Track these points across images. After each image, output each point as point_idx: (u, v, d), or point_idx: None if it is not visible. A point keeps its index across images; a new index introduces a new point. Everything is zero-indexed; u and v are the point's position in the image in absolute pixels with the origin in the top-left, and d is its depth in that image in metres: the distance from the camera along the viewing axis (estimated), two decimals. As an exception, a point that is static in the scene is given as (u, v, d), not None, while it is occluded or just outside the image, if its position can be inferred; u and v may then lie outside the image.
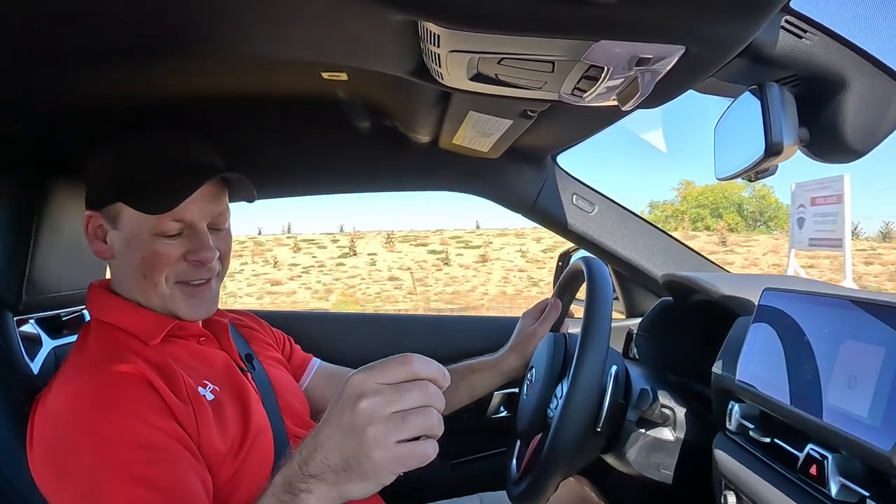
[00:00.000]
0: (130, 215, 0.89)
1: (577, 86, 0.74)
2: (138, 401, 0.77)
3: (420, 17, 0.64)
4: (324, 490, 0.62)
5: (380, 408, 0.59)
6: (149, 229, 0.88)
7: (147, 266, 0.88)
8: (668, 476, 1.00)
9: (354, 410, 0.60)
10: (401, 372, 0.61)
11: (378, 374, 0.61)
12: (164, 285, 0.89)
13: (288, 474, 0.64)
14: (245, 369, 0.97)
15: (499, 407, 1.64)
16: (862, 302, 0.66)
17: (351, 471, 0.60)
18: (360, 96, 1.13)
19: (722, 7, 0.57)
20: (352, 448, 0.60)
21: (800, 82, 0.84)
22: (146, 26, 0.71)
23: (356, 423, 0.59)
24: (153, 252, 0.88)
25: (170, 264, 0.89)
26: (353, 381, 0.61)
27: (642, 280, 1.60)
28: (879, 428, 0.58)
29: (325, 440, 0.62)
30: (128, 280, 0.92)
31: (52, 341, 1.16)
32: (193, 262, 0.90)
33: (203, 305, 0.93)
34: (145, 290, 0.90)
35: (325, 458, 0.61)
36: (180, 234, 0.90)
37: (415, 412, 0.60)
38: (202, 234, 0.91)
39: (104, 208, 0.91)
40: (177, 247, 0.90)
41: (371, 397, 0.60)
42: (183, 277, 0.90)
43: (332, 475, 0.61)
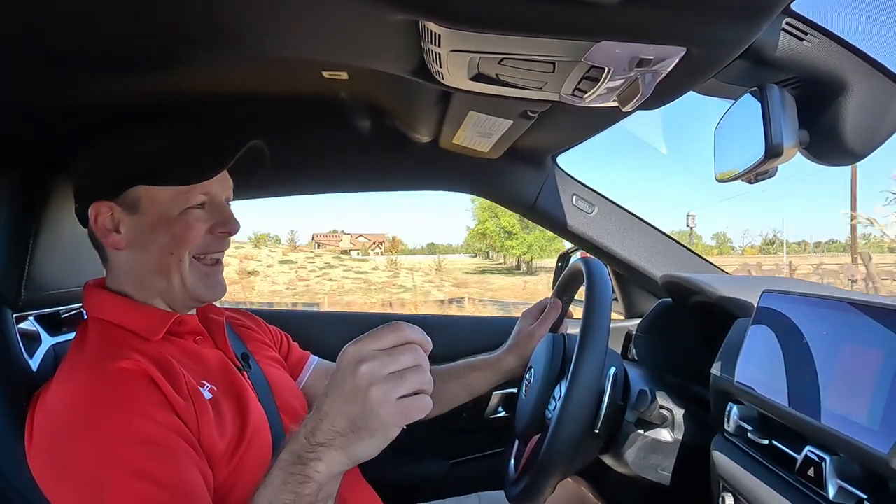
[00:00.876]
0: (154, 196, 0.89)
1: (578, 86, 0.74)
2: (139, 396, 0.77)
3: (421, 16, 0.64)
4: (333, 455, 0.66)
5: (378, 370, 0.64)
6: (180, 204, 0.90)
7: (176, 242, 0.90)
8: (666, 477, 1.00)
9: (355, 375, 0.64)
10: (392, 338, 0.66)
11: (371, 342, 0.66)
12: (187, 264, 0.91)
13: (295, 448, 0.68)
14: (241, 368, 0.97)
15: (497, 407, 1.64)
16: (861, 305, 0.66)
17: (359, 431, 0.65)
18: (360, 95, 1.13)
19: (723, 9, 0.57)
20: (356, 409, 0.64)
21: (800, 84, 0.84)
22: (146, 26, 0.71)
23: (358, 385, 0.64)
24: (185, 225, 0.90)
25: (199, 237, 0.91)
26: (350, 351, 0.66)
27: (641, 281, 1.60)
28: (877, 430, 0.58)
29: (329, 409, 0.66)
30: (140, 267, 0.92)
31: (51, 338, 1.16)
32: (220, 233, 0.93)
33: (219, 287, 0.96)
34: (170, 269, 0.90)
35: (331, 425, 0.66)
36: (204, 208, 0.92)
37: (410, 370, 0.65)
38: (225, 206, 0.95)
39: (119, 196, 0.90)
40: (204, 220, 0.92)
41: (369, 361, 0.64)
42: (207, 250, 0.93)
43: (341, 439, 0.65)
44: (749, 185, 0.93)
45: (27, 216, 1.01)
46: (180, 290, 0.92)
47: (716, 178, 1.00)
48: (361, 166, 1.52)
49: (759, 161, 0.84)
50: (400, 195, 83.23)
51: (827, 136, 0.84)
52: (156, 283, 0.91)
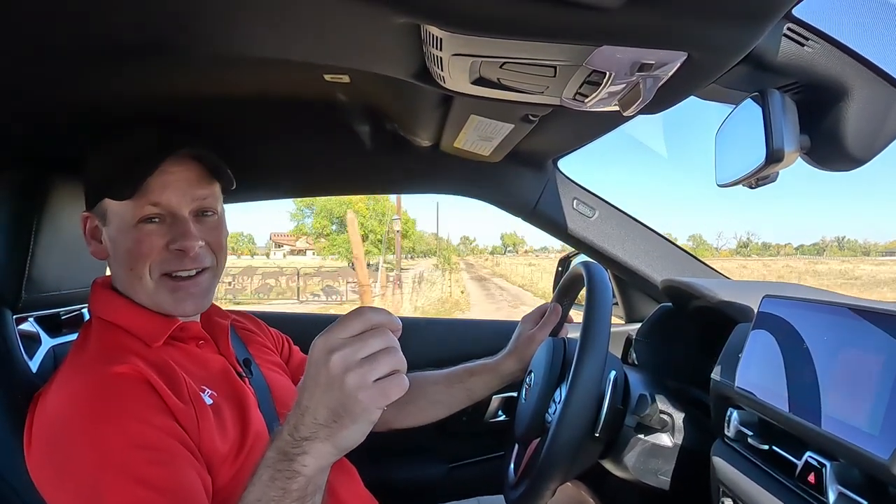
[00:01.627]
0: (115, 208, 0.90)
1: (579, 91, 0.74)
2: (137, 401, 0.77)
3: (423, 20, 0.64)
4: (319, 447, 0.66)
5: (350, 356, 0.64)
6: (130, 217, 0.89)
7: (131, 257, 0.89)
8: (666, 482, 1.00)
9: (328, 365, 0.64)
10: (358, 323, 0.66)
11: (339, 331, 0.66)
12: (149, 278, 0.89)
13: (280, 446, 0.67)
14: (243, 374, 0.97)
15: (497, 411, 1.63)
16: (861, 310, 0.66)
17: (341, 419, 0.65)
18: (361, 99, 1.13)
19: (725, 14, 0.57)
20: (336, 398, 0.65)
21: (801, 90, 0.84)
22: (148, 26, 0.71)
23: (333, 375, 0.64)
24: (135, 240, 0.89)
25: (152, 254, 0.89)
26: (318, 344, 0.66)
27: (642, 285, 1.60)
28: (878, 436, 0.58)
29: (308, 402, 0.66)
30: (117, 277, 0.94)
31: (51, 340, 1.16)
32: (175, 251, 0.90)
33: (189, 301, 0.92)
34: (133, 285, 0.90)
35: (313, 418, 0.66)
36: (163, 222, 0.90)
37: (383, 352, 0.66)
38: (182, 220, 0.91)
39: (94, 207, 0.93)
40: (160, 235, 0.90)
41: (340, 350, 0.65)
42: (167, 268, 0.90)
43: (325, 430, 0.66)
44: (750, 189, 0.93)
45: (28, 217, 1.01)
46: (150, 304, 0.91)
47: (717, 184, 1.00)
48: (362, 169, 1.52)
49: (760, 166, 0.84)
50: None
51: (828, 142, 0.84)
52: (132, 293, 0.92)
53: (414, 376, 1.29)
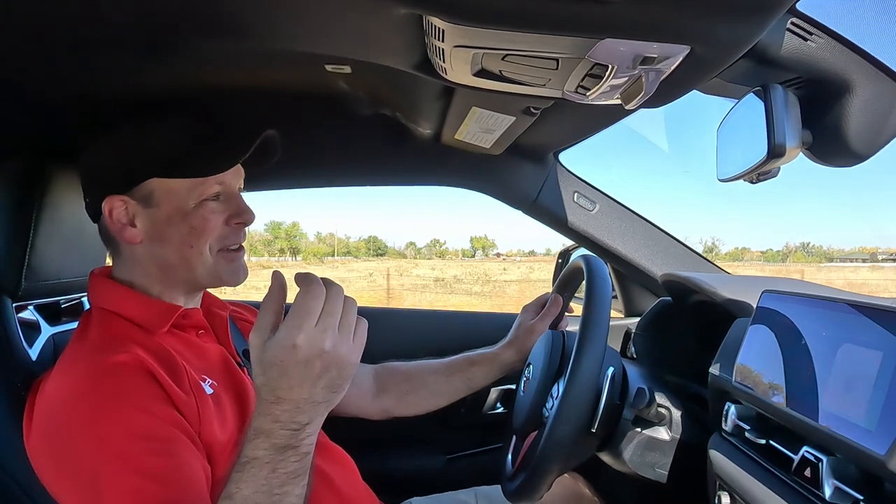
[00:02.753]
0: (169, 189, 0.89)
1: (581, 83, 0.74)
2: (138, 390, 0.76)
3: (425, 11, 0.63)
4: (319, 420, 0.73)
5: (333, 333, 0.70)
6: (195, 196, 0.89)
7: (195, 234, 0.89)
8: (663, 475, 1.00)
9: (322, 355, 0.69)
10: (320, 301, 0.71)
11: (308, 318, 0.69)
12: (208, 254, 0.91)
13: (277, 442, 0.69)
14: (242, 364, 0.97)
15: (495, 403, 1.64)
16: (860, 306, 0.66)
17: (338, 387, 0.72)
18: (363, 90, 1.13)
19: (728, 8, 0.56)
20: (333, 376, 0.71)
21: (804, 84, 0.84)
22: (150, 16, 0.71)
23: (328, 360, 0.70)
24: (202, 218, 0.90)
25: (215, 230, 0.91)
26: (301, 344, 0.69)
27: (641, 279, 1.60)
28: (875, 432, 0.58)
29: (301, 394, 0.70)
30: (158, 260, 0.91)
31: (51, 328, 1.16)
32: (236, 224, 0.93)
33: (241, 271, 0.96)
34: (190, 261, 0.90)
35: (312, 403, 0.71)
36: (219, 199, 0.92)
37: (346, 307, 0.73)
38: (239, 196, 0.95)
39: (132, 189, 0.89)
40: (220, 212, 0.92)
41: (327, 337, 0.70)
42: (224, 243, 0.92)
43: (324, 405, 0.72)
44: (751, 184, 0.93)
45: (28, 205, 1.01)
46: (205, 279, 0.93)
47: (718, 178, 1.00)
48: (362, 160, 1.52)
49: (761, 161, 0.84)
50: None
51: (830, 137, 0.84)
52: (178, 274, 0.92)
53: (414, 365, 1.30)
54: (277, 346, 0.68)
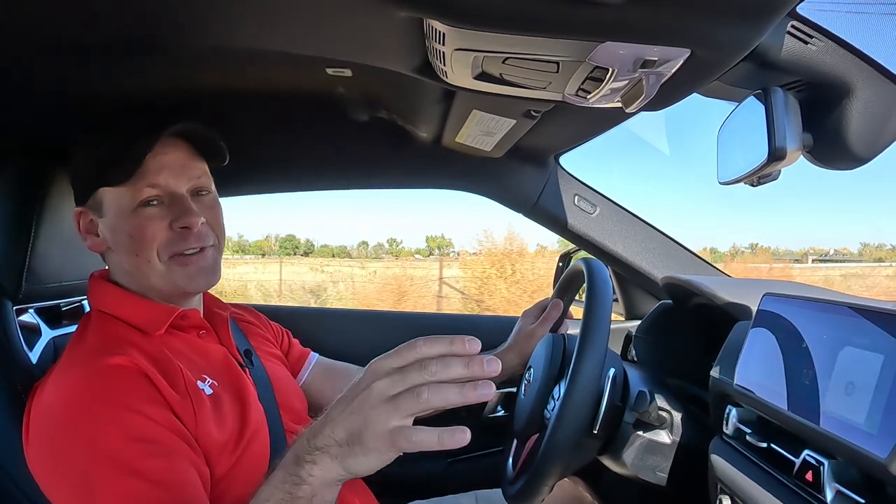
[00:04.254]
0: (111, 196, 0.89)
1: (582, 87, 0.74)
2: (133, 393, 0.77)
3: (426, 14, 0.64)
4: (328, 463, 0.64)
5: (387, 389, 0.62)
6: (129, 203, 0.88)
7: (136, 243, 0.88)
8: (664, 478, 1.00)
9: (367, 391, 0.63)
10: (410, 355, 0.64)
11: (394, 359, 0.64)
12: (158, 261, 0.89)
13: (297, 449, 0.67)
14: (243, 365, 0.97)
15: (496, 406, 1.63)
16: (861, 309, 0.66)
17: (355, 446, 0.63)
18: (363, 92, 1.13)
19: (728, 10, 0.57)
20: (357, 424, 0.63)
21: (804, 88, 0.84)
22: (150, 18, 0.71)
23: (365, 402, 0.63)
24: (137, 225, 0.88)
25: (157, 236, 0.88)
26: (374, 365, 0.65)
27: (642, 282, 1.60)
28: (876, 435, 0.58)
29: (335, 415, 0.65)
30: (123, 267, 0.92)
31: (52, 331, 1.16)
32: (180, 229, 0.90)
33: (202, 276, 0.92)
34: (141, 270, 0.89)
35: (331, 431, 0.64)
36: (162, 204, 0.90)
37: (406, 393, 0.62)
38: (182, 198, 0.91)
39: (88, 200, 0.92)
40: (161, 217, 0.89)
41: (384, 379, 0.63)
42: (174, 249, 0.90)
43: (337, 449, 0.64)
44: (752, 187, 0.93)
45: (29, 208, 1.01)
46: (163, 286, 0.91)
47: (719, 181, 1.00)
48: (363, 163, 1.52)
49: (762, 164, 0.84)
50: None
51: (831, 140, 0.84)
52: (140, 280, 0.91)
53: None
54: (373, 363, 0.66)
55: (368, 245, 43.83)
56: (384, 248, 44.20)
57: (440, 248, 45.91)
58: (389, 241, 46.38)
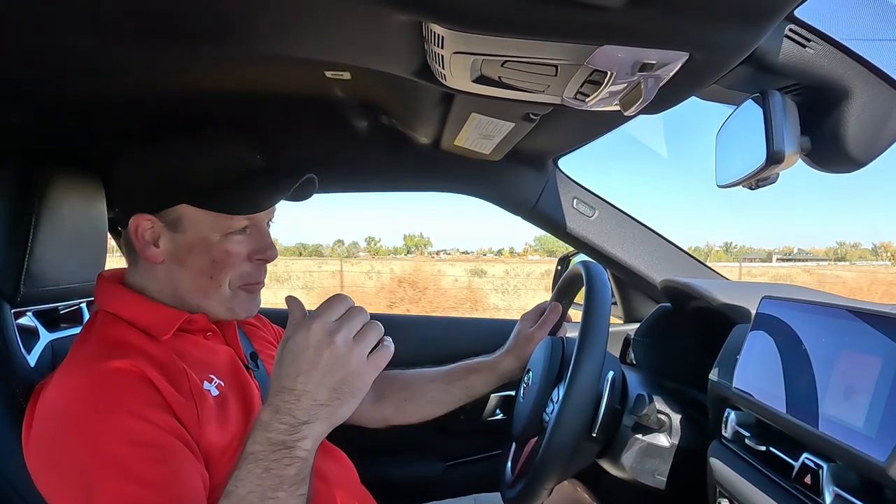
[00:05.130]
0: (197, 218, 0.88)
1: (580, 90, 0.74)
2: (135, 397, 0.76)
3: (425, 18, 0.64)
4: (317, 427, 0.71)
5: (348, 335, 0.73)
6: (222, 229, 0.88)
7: (216, 267, 0.89)
8: (662, 482, 1.00)
9: (332, 346, 0.71)
10: (342, 307, 0.75)
11: (330, 314, 0.74)
12: (228, 288, 0.91)
13: (272, 437, 0.69)
14: (249, 367, 0.97)
15: (495, 409, 1.64)
16: (860, 312, 0.66)
17: (343, 395, 0.72)
18: (362, 96, 1.13)
19: (727, 14, 0.57)
20: (339, 377, 0.71)
21: (802, 91, 0.84)
22: (150, 21, 0.71)
23: (337, 354, 0.71)
24: (224, 252, 0.89)
25: (237, 265, 0.90)
26: (316, 327, 0.72)
27: (641, 285, 1.60)
28: (875, 438, 0.58)
29: (306, 385, 0.71)
30: (181, 284, 0.90)
31: (50, 334, 1.15)
32: (258, 260, 0.93)
33: (256, 306, 0.97)
34: (207, 292, 0.90)
35: (313, 400, 0.71)
36: (247, 235, 0.92)
37: (367, 327, 0.75)
38: (266, 233, 0.95)
39: (161, 211, 0.88)
40: (245, 246, 0.91)
41: (340, 331, 0.72)
42: (246, 280, 0.92)
43: (325, 409, 0.71)
44: (750, 190, 0.93)
45: (27, 210, 1.01)
46: (218, 309, 0.92)
47: (717, 184, 1.00)
48: (362, 167, 1.52)
49: (760, 167, 0.84)
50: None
51: (828, 144, 0.84)
52: (192, 299, 0.91)
53: (413, 373, 1.29)
54: (296, 331, 0.72)
55: (344, 243, 43.77)
56: (359, 246, 44.23)
57: (418, 246, 46.02)
58: (368, 239, 46.50)
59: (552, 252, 42.51)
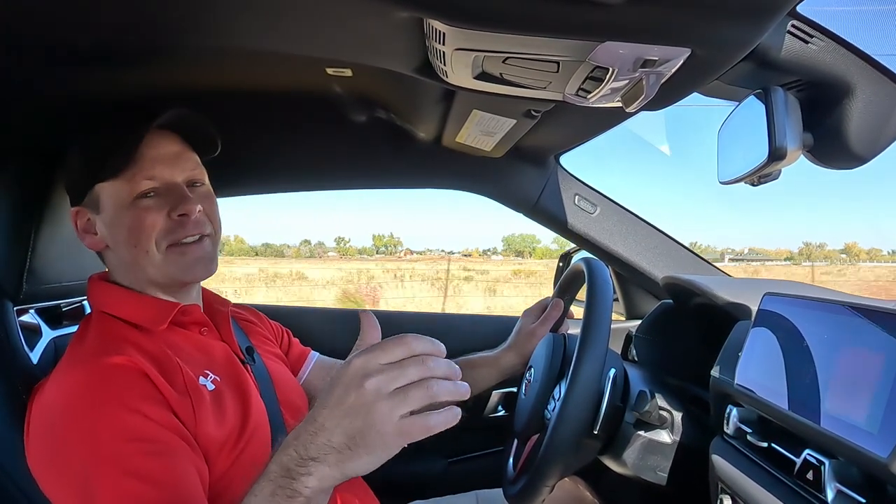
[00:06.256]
0: (108, 192, 0.90)
1: (582, 86, 0.74)
2: (133, 392, 0.77)
3: (426, 14, 0.64)
4: (325, 471, 0.63)
5: (384, 385, 0.62)
6: (127, 196, 0.89)
7: (135, 234, 0.89)
8: (664, 478, 1.00)
9: (360, 390, 0.62)
10: (399, 351, 0.64)
11: (379, 355, 0.64)
12: (156, 251, 0.90)
13: (284, 461, 0.65)
14: (245, 361, 0.97)
15: (497, 406, 1.64)
16: (862, 308, 0.66)
17: (357, 447, 0.62)
18: (363, 92, 1.13)
19: (728, 10, 0.57)
20: (357, 425, 0.62)
21: (805, 87, 0.84)
22: (151, 20, 0.71)
23: (362, 401, 0.62)
24: (136, 216, 0.89)
25: (156, 225, 0.89)
26: (356, 364, 0.64)
27: (643, 282, 1.60)
28: (877, 434, 0.58)
29: (326, 422, 0.63)
30: (123, 262, 0.92)
31: (52, 332, 1.16)
32: (178, 217, 0.90)
33: (199, 266, 0.93)
34: (139, 262, 0.90)
35: (327, 439, 0.63)
36: (159, 195, 0.90)
37: (414, 386, 0.63)
38: (178, 187, 0.92)
39: (84, 199, 0.92)
40: (158, 207, 0.90)
41: (376, 376, 0.62)
42: (173, 238, 0.90)
43: (335, 455, 0.63)
44: (752, 187, 0.93)
45: (29, 208, 1.01)
46: (160, 276, 0.91)
47: (719, 181, 1.00)
48: (363, 163, 1.52)
49: (762, 163, 0.83)
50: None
51: (831, 140, 0.84)
52: (138, 274, 0.92)
53: None
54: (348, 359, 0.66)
55: (311, 243, 43.88)
56: (324, 245, 44.38)
57: (387, 246, 46.40)
58: (337, 239, 46.69)
59: (520, 252, 43.71)
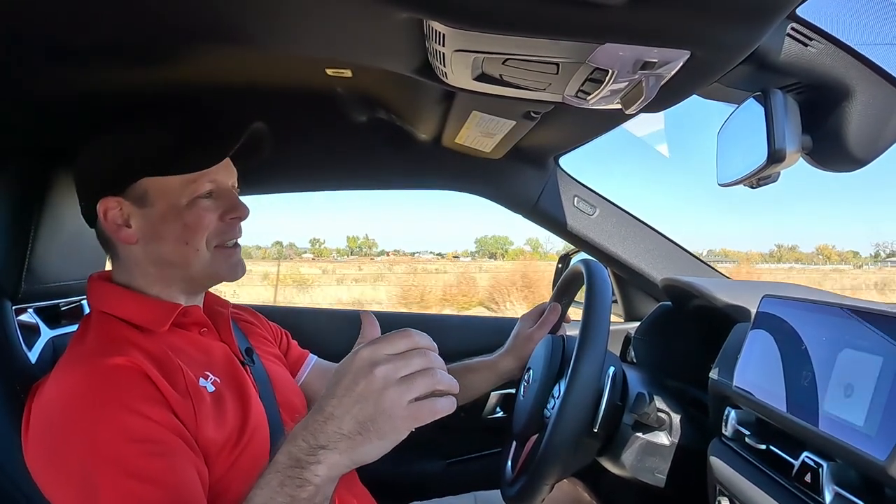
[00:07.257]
0: (161, 188, 0.90)
1: (582, 88, 0.74)
2: (133, 393, 0.76)
3: (426, 15, 0.64)
4: (335, 458, 0.66)
5: (392, 373, 0.66)
6: (188, 195, 0.90)
7: (189, 232, 0.90)
8: (662, 480, 1.00)
9: (370, 377, 0.66)
10: (403, 343, 0.69)
11: (385, 346, 0.68)
12: (205, 249, 0.92)
13: (293, 451, 0.66)
14: (245, 362, 0.97)
15: (495, 407, 1.64)
16: (860, 311, 0.66)
17: (367, 433, 0.65)
18: (363, 93, 1.13)
19: (728, 13, 0.57)
20: (367, 412, 0.65)
21: (804, 90, 0.84)
22: (151, 19, 0.71)
23: (372, 388, 0.65)
24: (195, 215, 0.90)
25: (210, 226, 0.92)
26: (364, 354, 0.68)
27: (642, 284, 1.60)
28: (875, 437, 0.58)
29: (335, 410, 0.66)
30: (161, 258, 0.92)
31: (51, 331, 1.16)
32: (230, 220, 0.94)
33: (240, 267, 0.97)
34: (187, 258, 0.91)
35: (338, 427, 0.65)
36: (212, 197, 0.93)
37: (420, 374, 0.67)
38: (231, 192, 0.96)
39: (126, 191, 0.90)
40: (213, 209, 0.93)
41: (384, 364, 0.66)
42: (220, 240, 0.93)
43: (346, 442, 0.65)
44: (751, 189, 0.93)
45: (28, 208, 1.01)
46: (203, 275, 0.94)
47: (718, 183, 1.00)
48: (363, 164, 1.52)
49: (761, 166, 0.84)
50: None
51: (830, 142, 0.84)
52: (176, 272, 0.92)
53: None
54: (352, 353, 0.69)
55: (283, 244, 44.03)
56: (296, 247, 44.52)
57: (362, 247, 46.67)
58: (312, 240, 46.89)
59: (493, 254, 44.26)
